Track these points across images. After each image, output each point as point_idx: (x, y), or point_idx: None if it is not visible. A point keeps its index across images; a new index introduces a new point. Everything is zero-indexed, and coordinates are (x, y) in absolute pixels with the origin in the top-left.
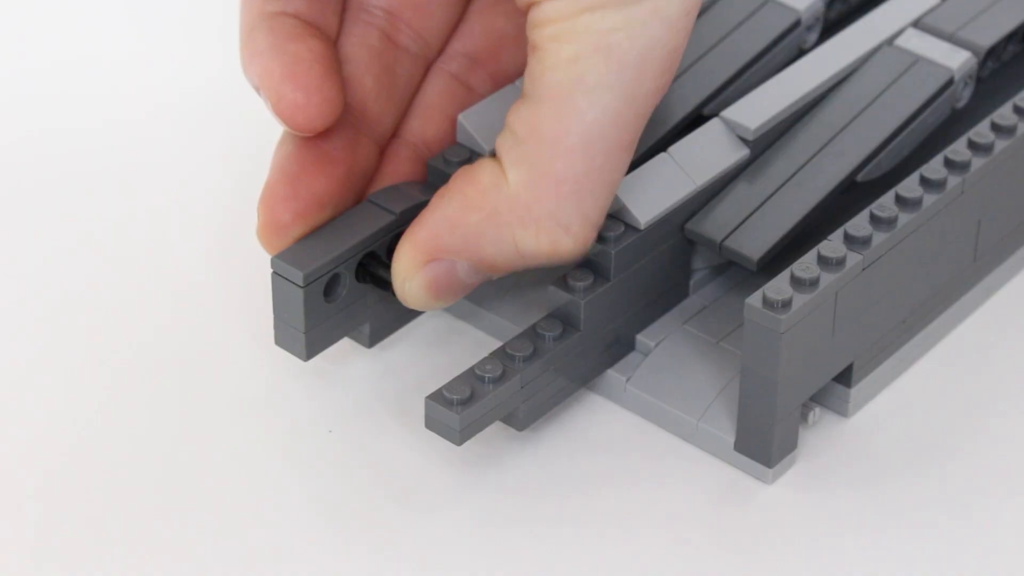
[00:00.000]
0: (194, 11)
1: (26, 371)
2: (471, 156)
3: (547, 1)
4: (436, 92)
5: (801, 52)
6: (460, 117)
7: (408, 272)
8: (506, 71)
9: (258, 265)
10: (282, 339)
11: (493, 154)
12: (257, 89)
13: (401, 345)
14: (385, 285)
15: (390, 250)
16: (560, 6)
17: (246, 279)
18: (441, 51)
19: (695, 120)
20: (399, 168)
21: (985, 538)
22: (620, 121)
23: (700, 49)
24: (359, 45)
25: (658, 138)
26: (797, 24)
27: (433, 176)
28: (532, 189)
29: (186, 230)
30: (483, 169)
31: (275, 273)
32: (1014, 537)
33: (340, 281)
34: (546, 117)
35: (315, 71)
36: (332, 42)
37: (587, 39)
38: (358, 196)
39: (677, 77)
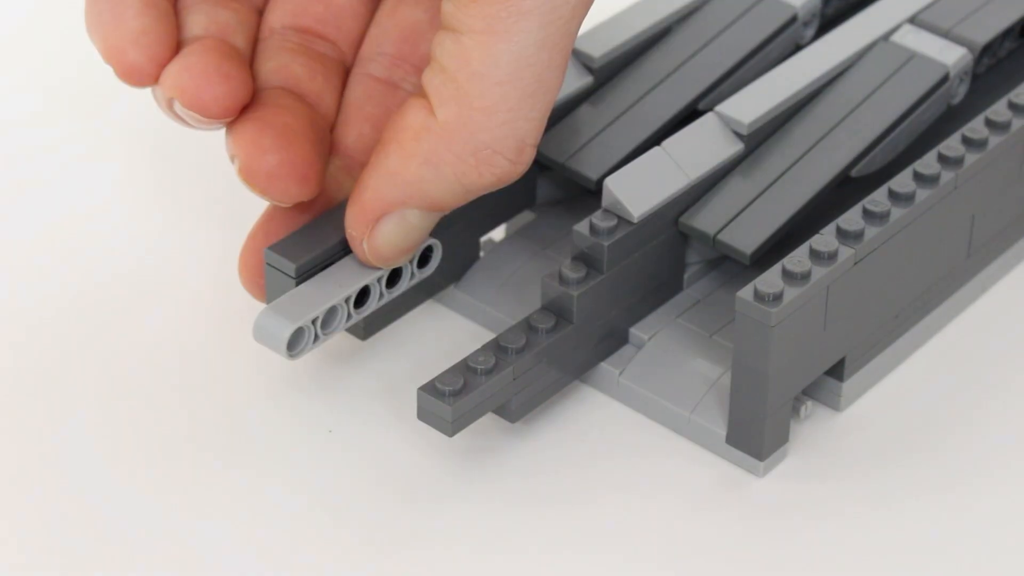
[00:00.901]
0: None
1: (24, 372)
2: None
3: None
4: (356, 97)
5: (797, 48)
6: None
7: (360, 233)
8: (427, 59)
9: None
10: None
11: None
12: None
13: (396, 337)
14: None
15: None
16: None
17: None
18: (354, 56)
19: (690, 115)
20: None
21: (976, 531)
22: (548, 44)
23: (696, 44)
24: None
25: (653, 132)
26: (793, 20)
27: None
28: (466, 124)
29: (182, 227)
30: (411, 112)
31: (268, 265)
32: (1005, 530)
33: None
34: (473, 51)
35: (211, 59)
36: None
37: None
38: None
39: (673, 71)
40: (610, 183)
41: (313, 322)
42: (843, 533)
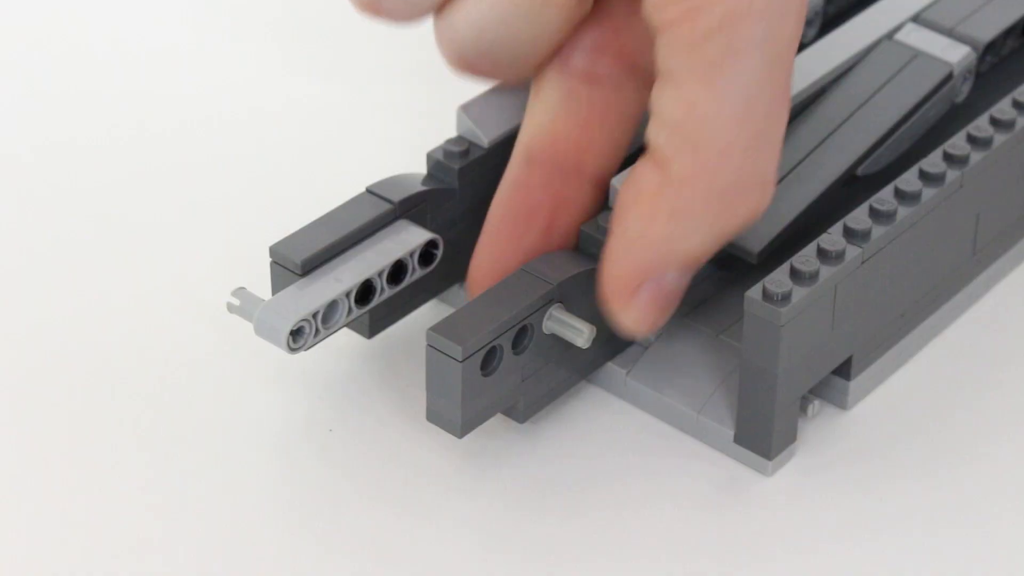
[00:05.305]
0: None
1: (24, 372)
2: (469, 148)
3: None
4: (561, 98)
5: (801, 46)
6: (459, 108)
7: (622, 307)
8: (628, 44)
9: (254, 256)
10: None
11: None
12: None
13: (401, 335)
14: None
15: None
16: None
17: (245, 274)
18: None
19: None
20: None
21: (983, 531)
22: (773, 75)
23: None
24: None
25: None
26: None
27: (432, 168)
28: (704, 170)
29: (185, 227)
30: (643, 174)
31: (273, 262)
32: (1012, 529)
33: None
34: (699, 96)
35: None
36: None
37: (720, 9)
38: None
39: None
40: (616, 183)
41: (314, 317)
42: (852, 532)
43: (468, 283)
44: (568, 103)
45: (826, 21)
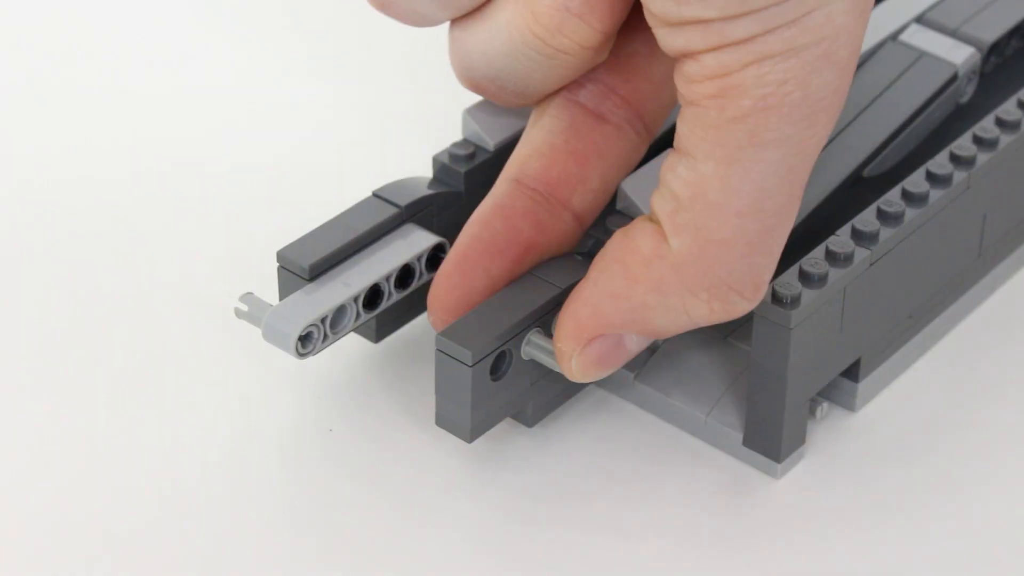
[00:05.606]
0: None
1: (31, 375)
2: (475, 151)
3: (708, 53)
4: (562, 127)
5: None
6: (465, 111)
7: (573, 349)
8: (638, 94)
9: (261, 261)
10: None
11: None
12: None
13: (408, 339)
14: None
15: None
16: (725, 59)
17: (248, 275)
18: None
19: None
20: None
21: (993, 532)
22: (792, 176)
23: None
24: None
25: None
26: None
27: (438, 171)
28: (701, 257)
29: (192, 231)
30: (642, 236)
31: (281, 267)
32: (1022, 531)
33: None
34: (711, 180)
35: None
36: None
37: (754, 94)
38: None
39: None
40: (625, 186)
41: (322, 322)
42: (861, 534)
43: (429, 304)
44: (569, 133)
45: None
